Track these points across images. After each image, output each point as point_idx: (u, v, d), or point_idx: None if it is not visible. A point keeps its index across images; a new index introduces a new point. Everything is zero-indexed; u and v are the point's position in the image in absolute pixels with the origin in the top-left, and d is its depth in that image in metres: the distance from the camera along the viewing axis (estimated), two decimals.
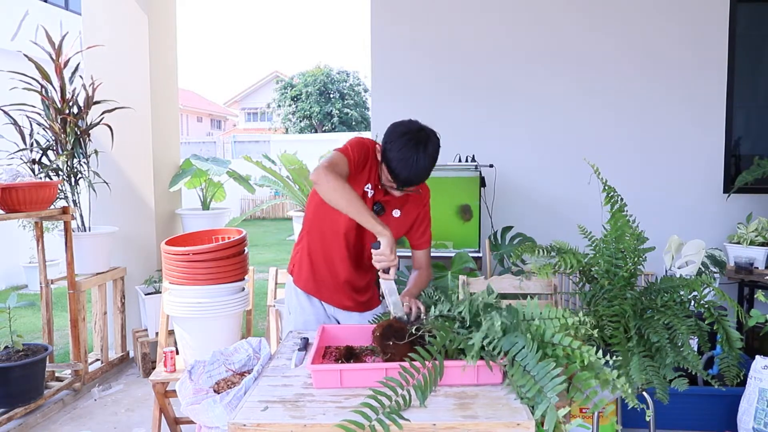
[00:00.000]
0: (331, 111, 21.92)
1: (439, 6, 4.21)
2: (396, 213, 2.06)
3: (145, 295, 3.99)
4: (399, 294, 1.91)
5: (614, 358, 1.55)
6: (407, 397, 1.41)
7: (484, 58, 4.21)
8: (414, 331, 1.68)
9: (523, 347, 1.49)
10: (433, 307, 1.75)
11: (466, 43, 4.21)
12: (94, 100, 3.92)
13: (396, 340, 1.68)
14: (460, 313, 1.68)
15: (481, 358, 1.52)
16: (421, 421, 1.36)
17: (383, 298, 1.84)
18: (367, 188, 2.00)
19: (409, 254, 2.24)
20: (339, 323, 2.21)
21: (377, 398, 1.36)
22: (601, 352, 1.48)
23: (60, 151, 3.75)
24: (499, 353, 1.51)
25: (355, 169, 1.93)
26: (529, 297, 1.70)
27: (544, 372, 1.42)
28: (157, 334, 3.67)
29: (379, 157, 1.92)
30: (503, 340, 1.52)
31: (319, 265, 2.16)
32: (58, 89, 3.77)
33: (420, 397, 1.44)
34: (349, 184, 1.80)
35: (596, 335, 1.66)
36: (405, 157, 1.81)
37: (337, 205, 1.81)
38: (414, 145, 1.81)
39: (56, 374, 3.59)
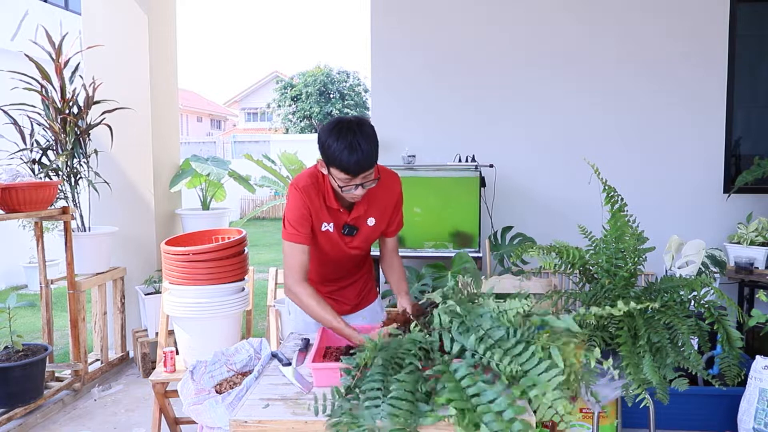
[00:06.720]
0: (331, 111, 21.89)
1: (439, 6, 4.21)
2: (371, 221, 2.03)
3: (145, 295, 3.99)
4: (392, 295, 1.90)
5: (612, 365, 1.51)
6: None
7: (484, 58, 4.21)
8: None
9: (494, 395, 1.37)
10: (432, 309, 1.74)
11: (466, 43, 4.21)
12: (94, 100, 3.92)
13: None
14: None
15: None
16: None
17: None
18: (326, 227, 1.98)
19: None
20: None
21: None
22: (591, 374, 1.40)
23: (60, 151, 3.75)
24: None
25: (308, 231, 1.95)
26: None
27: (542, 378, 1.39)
28: (156, 334, 3.67)
29: (324, 171, 1.88)
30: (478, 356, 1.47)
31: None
32: (58, 89, 3.77)
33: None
34: (313, 290, 1.91)
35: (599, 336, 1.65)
36: (345, 144, 1.78)
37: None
38: (347, 129, 1.80)
39: (56, 374, 3.59)
